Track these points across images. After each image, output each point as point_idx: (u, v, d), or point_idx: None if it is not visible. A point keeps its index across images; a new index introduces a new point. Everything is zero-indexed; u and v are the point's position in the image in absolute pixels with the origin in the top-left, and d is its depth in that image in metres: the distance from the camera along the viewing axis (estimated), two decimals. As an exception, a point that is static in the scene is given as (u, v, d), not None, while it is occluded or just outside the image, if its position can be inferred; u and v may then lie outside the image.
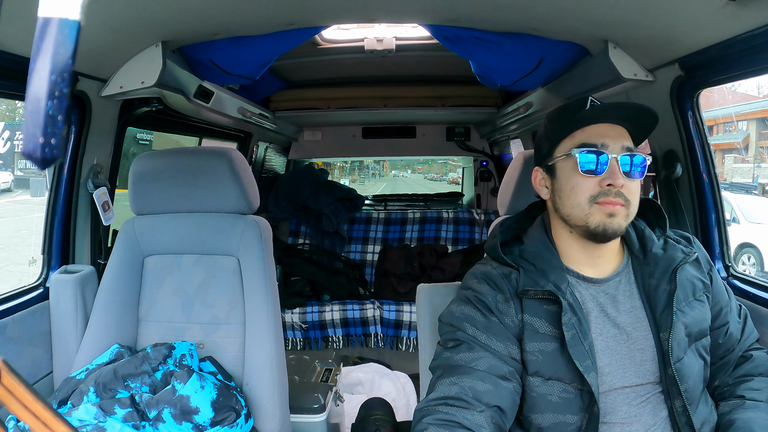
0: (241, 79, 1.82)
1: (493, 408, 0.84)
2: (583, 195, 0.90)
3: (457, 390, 0.84)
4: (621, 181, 0.88)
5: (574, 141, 0.92)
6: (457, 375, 0.86)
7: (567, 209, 0.93)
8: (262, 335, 1.34)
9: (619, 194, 0.88)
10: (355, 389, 2.40)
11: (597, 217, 0.89)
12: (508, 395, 0.86)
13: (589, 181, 0.90)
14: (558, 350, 0.88)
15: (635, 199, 0.91)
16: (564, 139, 0.94)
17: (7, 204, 10.85)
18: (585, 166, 0.89)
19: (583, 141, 0.91)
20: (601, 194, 0.89)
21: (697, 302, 0.95)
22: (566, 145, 0.93)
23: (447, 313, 0.97)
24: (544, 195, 0.99)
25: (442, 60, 2.27)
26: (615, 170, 0.88)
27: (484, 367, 0.86)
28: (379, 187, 19.80)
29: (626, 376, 0.90)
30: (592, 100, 0.93)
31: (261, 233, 1.39)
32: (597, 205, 0.89)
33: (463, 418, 0.81)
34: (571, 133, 0.93)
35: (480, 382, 0.85)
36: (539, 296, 0.90)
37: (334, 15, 1.42)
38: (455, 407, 0.82)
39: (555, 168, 0.95)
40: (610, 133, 0.91)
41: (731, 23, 1.04)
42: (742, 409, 0.91)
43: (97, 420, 1.11)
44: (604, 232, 0.89)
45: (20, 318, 1.33)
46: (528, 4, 1.22)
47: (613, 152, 0.89)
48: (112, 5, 1.07)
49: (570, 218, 0.93)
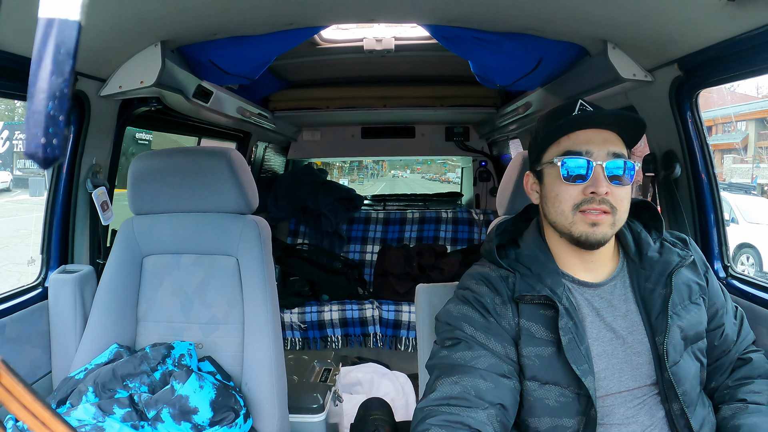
0: (240, 78, 1.82)
1: (496, 406, 0.83)
2: (566, 203, 0.90)
3: (460, 389, 0.84)
4: (604, 188, 0.87)
5: (560, 148, 0.92)
6: (458, 374, 0.86)
7: (553, 216, 0.93)
8: (261, 335, 1.34)
9: (603, 201, 0.88)
10: (353, 389, 2.40)
11: (580, 226, 0.89)
12: (509, 393, 0.86)
13: (573, 188, 0.90)
14: (555, 355, 0.88)
15: (623, 205, 0.90)
16: (551, 145, 0.94)
17: (6, 204, 10.84)
18: (569, 174, 0.89)
19: (568, 148, 0.91)
20: (584, 202, 0.89)
21: (693, 305, 0.95)
22: (552, 152, 0.93)
23: (444, 312, 0.96)
24: (534, 200, 0.99)
25: (442, 60, 2.27)
26: (598, 178, 0.88)
27: (485, 366, 0.86)
28: (378, 187, 19.81)
29: (622, 380, 0.90)
30: (582, 104, 0.92)
31: (260, 233, 1.39)
32: (580, 213, 0.89)
33: (467, 417, 0.80)
34: (557, 140, 0.93)
35: (482, 381, 0.84)
36: (536, 301, 0.90)
37: (333, 15, 1.42)
38: (458, 407, 0.82)
39: (542, 174, 0.95)
40: (595, 138, 0.90)
41: (730, 24, 1.04)
42: (746, 413, 0.91)
43: (96, 420, 1.11)
44: (588, 241, 0.89)
45: (19, 318, 1.33)
46: (527, 5, 1.22)
47: (598, 159, 0.89)
48: (112, 5, 1.07)
49: (556, 225, 0.93)
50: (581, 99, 0.94)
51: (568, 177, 0.89)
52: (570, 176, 0.89)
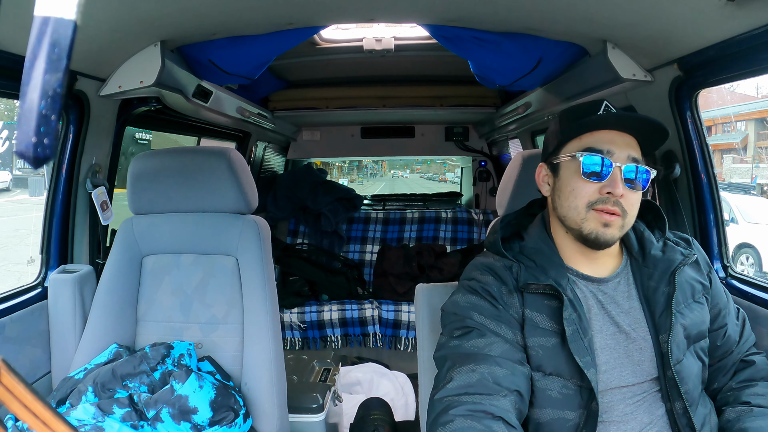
0: (240, 78, 1.82)
1: (513, 392, 0.82)
2: (581, 199, 0.90)
3: (478, 377, 0.82)
4: (621, 190, 0.88)
5: (581, 143, 0.92)
6: (473, 362, 0.84)
7: (564, 210, 0.93)
8: (260, 335, 1.34)
9: (617, 203, 0.88)
10: (353, 389, 2.40)
11: (591, 224, 0.89)
12: (524, 379, 0.85)
13: (590, 186, 0.90)
14: (558, 345, 0.88)
15: (633, 210, 0.91)
16: (572, 139, 0.94)
17: (5, 203, 10.82)
18: (587, 170, 0.89)
19: (590, 145, 0.91)
20: (599, 201, 0.89)
21: (696, 304, 0.95)
22: (573, 146, 0.93)
23: (451, 303, 0.95)
24: (545, 192, 0.99)
25: (441, 60, 2.27)
26: (616, 179, 0.88)
27: (499, 352, 0.85)
28: (378, 187, 19.81)
29: (623, 375, 0.90)
30: (606, 105, 0.93)
31: (259, 233, 1.39)
32: (594, 211, 0.89)
33: (489, 405, 0.79)
34: (579, 135, 0.93)
35: (497, 368, 0.83)
36: (540, 291, 0.90)
37: (332, 14, 1.42)
38: (479, 395, 0.80)
39: (559, 167, 0.95)
40: (618, 140, 0.90)
41: (730, 23, 1.04)
42: (751, 417, 0.91)
43: (96, 420, 1.11)
44: (596, 240, 0.90)
45: (18, 317, 1.33)
46: (527, 5, 1.22)
47: (618, 161, 0.89)
48: (111, 5, 1.07)
49: (566, 219, 0.93)
50: (605, 100, 0.94)
51: (588, 173, 0.89)
52: (588, 172, 0.89)
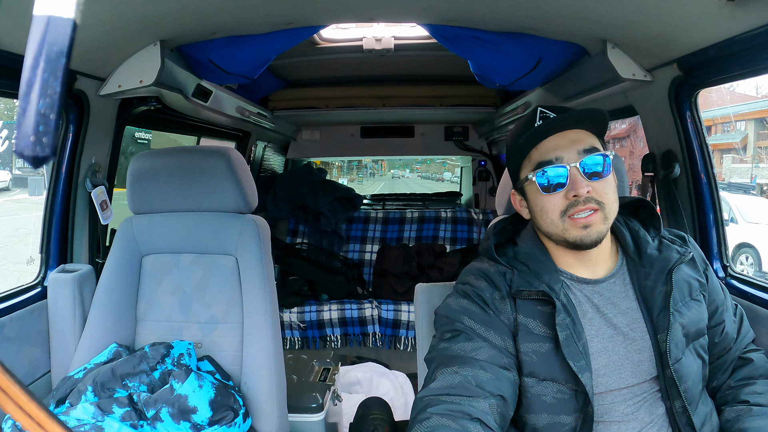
0: (240, 78, 1.82)
1: (496, 396, 0.83)
2: (553, 212, 0.91)
3: (460, 379, 0.83)
4: (584, 188, 0.88)
5: (532, 161, 0.93)
6: (458, 365, 0.85)
7: (545, 227, 0.94)
8: (260, 334, 1.34)
9: (588, 200, 0.88)
10: (353, 388, 2.40)
11: (572, 232, 0.90)
12: (509, 385, 0.86)
13: (555, 197, 0.90)
14: (552, 351, 0.88)
15: (608, 197, 0.90)
16: (523, 160, 0.95)
17: (5, 203, 10.82)
18: (545, 184, 0.90)
19: (539, 159, 0.92)
20: (570, 206, 0.89)
21: (693, 302, 0.95)
22: (526, 167, 0.94)
23: (444, 306, 0.97)
24: (525, 215, 1.00)
25: (441, 59, 2.27)
26: (576, 180, 0.88)
27: (485, 357, 0.86)
28: (378, 187, 19.80)
29: (623, 377, 0.90)
30: (542, 111, 0.93)
31: (259, 232, 1.39)
32: (569, 219, 0.89)
33: (468, 406, 0.80)
34: (527, 154, 0.94)
35: (482, 371, 0.84)
36: (533, 297, 0.90)
37: (332, 14, 1.42)
38: (459, 396, 0.81)
39: (524, 191, 0.97)
40: (561, 143, 0.91)
41: (730, 23, 1.04)
42: (751, 416, 0.91)
43: (95, 419, 1.11)
44: (583, 243, 0.90)
45: (18, 317, 1.33)
46: (527, 4, 1.22)
47: (570, 161, 0.89)
48: (111, 4, 1.07)
49: (551, 235, 0.94)
50: (540, 106, 0.94)
51: (547, 187, 0.90)
52: (548, 185, 0.90)
